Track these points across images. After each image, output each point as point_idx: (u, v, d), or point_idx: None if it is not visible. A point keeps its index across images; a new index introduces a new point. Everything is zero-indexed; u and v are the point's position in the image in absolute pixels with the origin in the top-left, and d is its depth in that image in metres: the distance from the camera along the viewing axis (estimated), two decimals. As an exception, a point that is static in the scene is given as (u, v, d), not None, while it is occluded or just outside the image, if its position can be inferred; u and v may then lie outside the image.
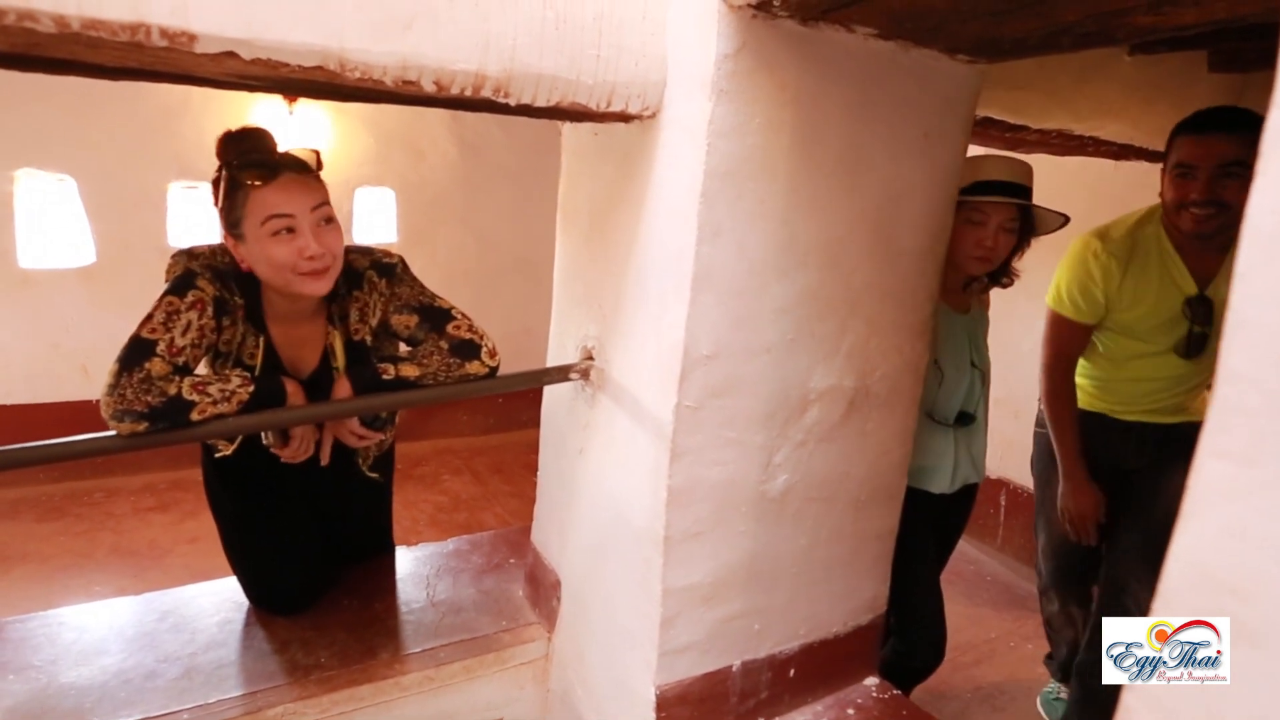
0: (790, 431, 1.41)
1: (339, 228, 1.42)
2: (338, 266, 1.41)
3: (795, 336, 1.37)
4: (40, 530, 3.18)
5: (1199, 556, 0.61)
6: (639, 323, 1.38)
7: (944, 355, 1.85)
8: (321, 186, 1.41)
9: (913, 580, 1.89)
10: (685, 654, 1.39)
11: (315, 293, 1.38)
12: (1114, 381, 2.04)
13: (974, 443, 1.96)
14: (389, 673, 1.57)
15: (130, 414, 1.17)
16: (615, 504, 1.47)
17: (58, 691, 1.48)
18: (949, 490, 1.91)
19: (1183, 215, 1.76)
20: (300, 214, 1.34)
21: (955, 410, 1.89)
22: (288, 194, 1.34)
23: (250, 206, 1.33)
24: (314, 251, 1.34)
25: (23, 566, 2.95)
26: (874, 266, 1.43)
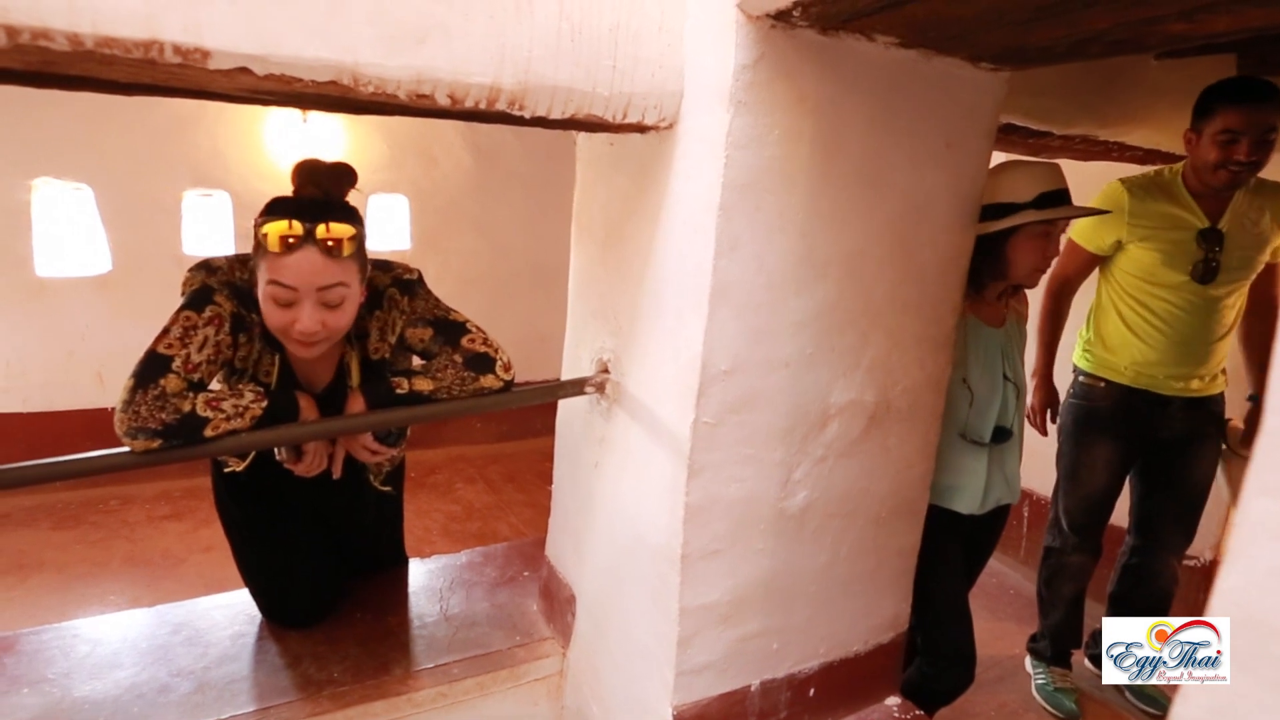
0: (810, 447, 1.39)
1: (350, 307, 1.34)
2: (336, 336, 1.35)
3: (815, 350, 1.34)
4: (57, 538, 3.19)
5: (1245, 598, 0.58)
6: (655, 337, 1.36)
7: (973, 372, 1.81)
8: (345, 267, 1.30)
9: (942, 603, 1.86)
10: (703, 674, 1.37)
11: (302, 355, 1.33)
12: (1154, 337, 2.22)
13: (1008, 461, 1.91)
14: (402, 689, 1.55)
15: (144, 431, 1.16)
16: (631, 520, 1.45)
17: (71, 706, 1.47)
18: (979, 511, 1.84)
19: (1219, 173, 2.02)
20: (305, 291, 1.27)
21: (990, 427, 1.83)
22: (299, 269, 1.26)
23: (264, 259, 1.28)
24: (305, 329, 1.28)
25: (40, 575, 2.96)
26: (895, 278, 1.40)
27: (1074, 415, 2.40)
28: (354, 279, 1.33)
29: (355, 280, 1.34)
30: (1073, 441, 2.41)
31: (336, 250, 1.27)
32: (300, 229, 1.25)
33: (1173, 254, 2.14)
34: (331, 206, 1.32)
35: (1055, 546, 2.53)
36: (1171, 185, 2.15)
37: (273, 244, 1.24)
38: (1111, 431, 2.34)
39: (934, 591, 1.81)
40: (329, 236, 1.26)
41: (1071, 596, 2.53)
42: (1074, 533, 2.47)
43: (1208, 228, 2.11)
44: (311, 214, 1.27)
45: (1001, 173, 1.73)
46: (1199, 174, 2.08)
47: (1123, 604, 2.49)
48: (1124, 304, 2.26)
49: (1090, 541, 2.47)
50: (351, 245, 1.30)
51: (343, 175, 1.38)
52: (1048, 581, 2.57)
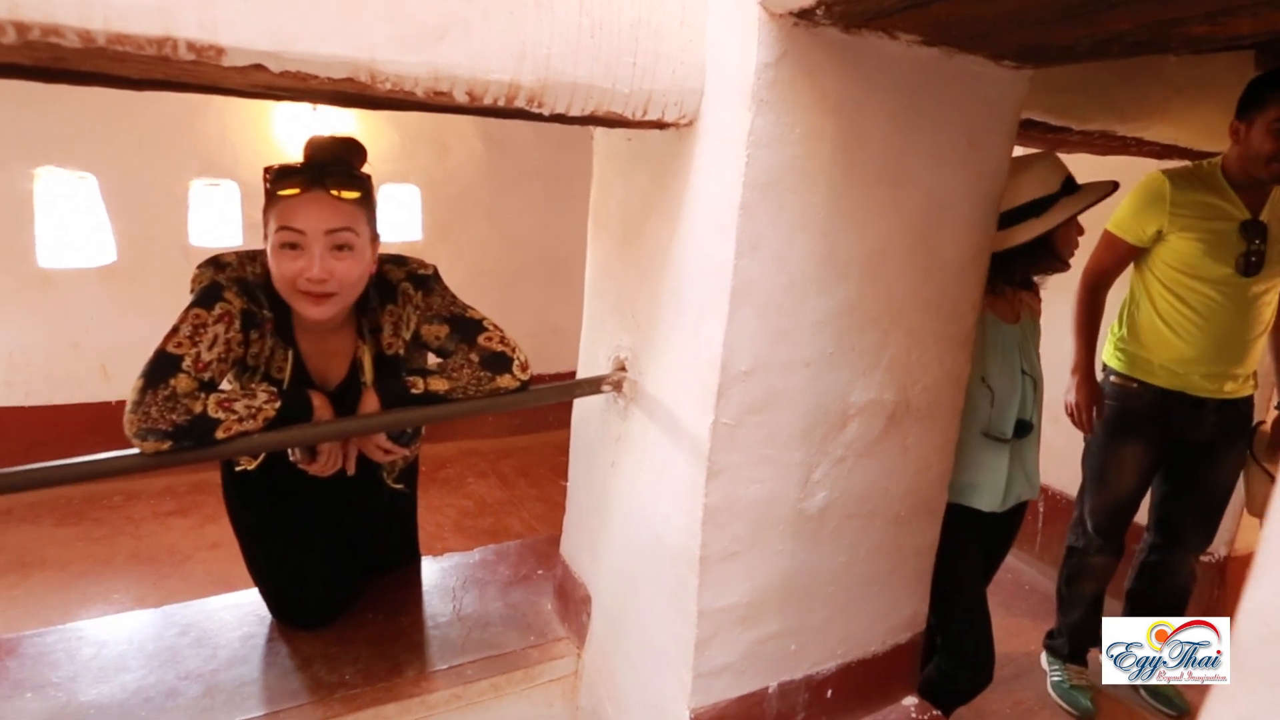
0: (829, 447, 1.37)
1: (359, 256, 1.34)
2: (346, 295, 1.35)
3: (835, 350, 1.32)
4: (60, 535, 3.17)
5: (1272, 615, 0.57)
6: (674, 336, 1.34)
7: (991, 370, 1.79)
8: (352, 212, 1.32)
9: (961, 602, 1.84)
10: (721, 676, 1.36)
11: (313, 317, 1.33)
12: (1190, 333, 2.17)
13: (1028, 455, 1.89)
14: (415, 691, 1.54)
15: (155, 433, 1.14)
16: (649, 521, 1.43)
17: (77, 710, 1.45)
18: (1000, 509, 1.83)
19: (1274, 165, 1.99)
20: (312, 233, 1.28)
21: (1011, 423, 1.82)
22: (305, 210, 1.28)
23: (273, 211, 1.30)
24: (314, 275, 1.28)
25: (42, 573, 2.93)
26: (916, 277, 1.39)
27: (1105, 416, 2.35)
28: (362, 229, 1.34)
29: (363, 231, 1.35)
30: (1102, 442, 2.37)
31: (342, 188, 1.31)
32: (308, 176, 1.29)
33: (1215, 245, 2.09)
34: (341, 164, 1.35)
35: (1078, 547, 2.50)
36: (1211, 176, 2.10)
37: (282, 189, 1.28)
38: (1143, 434, 2.30)
39: (953, 590, 1.80)
40: (336, 179, 1.31)
41: (1092, 596, 2.51)
42: (1098, 534, 2.44)
43: (1250, 219, 2.07)
44: (321, 168, 1.31)
45: (1024, 170, 1.72)
46: (1245, 165, 2.04)
47: (1140, 601, 2.47)
48: (1160, 298, 2.20)
49: (1114, 543, 2.44)
50: (359, 194, 1.33)
51: (352, 147, 1.39)
52: (1069, 581, 2.54)
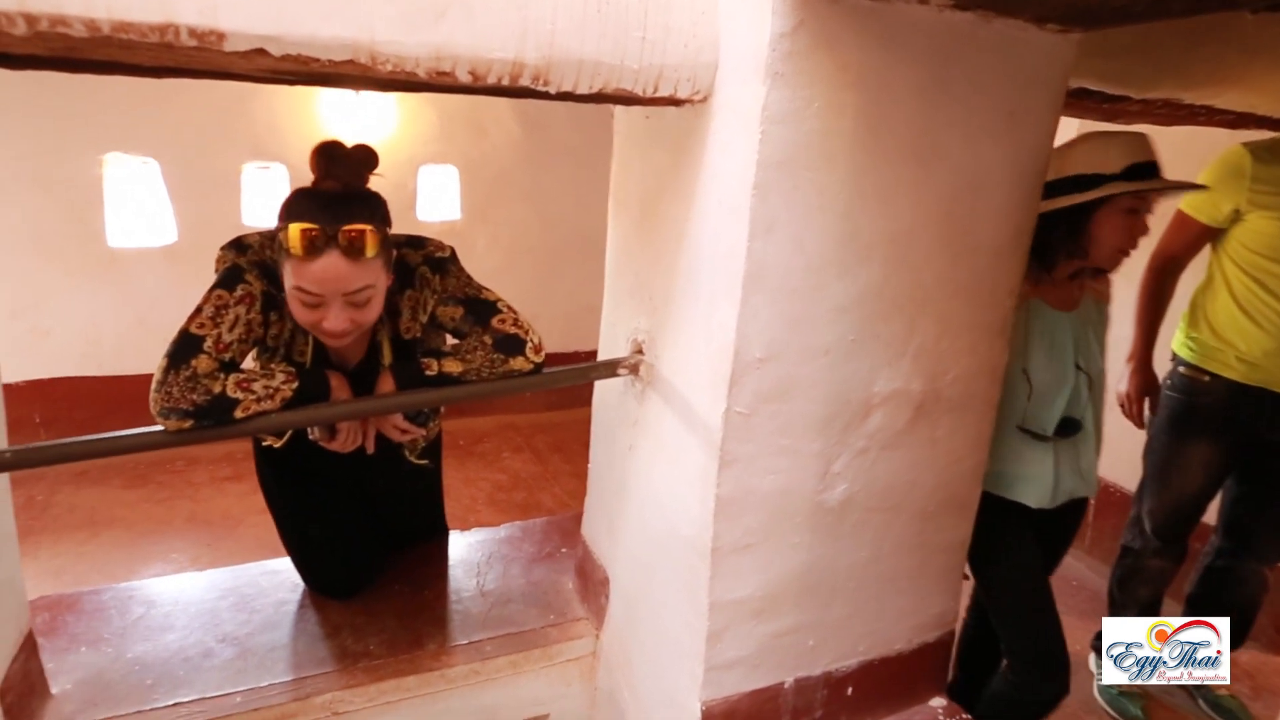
0: (850, 438, 1.33)
1: (378, 302, 1.32)
2: (366, 328, 1.35)
3: (857, 337, 1.27)
4: (126, 496, 3.36)
5: None
6: (688, 321, 1.31)
7: (1035, 360, 1.65)
8: (368, 268, 1.26)
9: (1025, 600, 1.70)
10: (733, 669, 1.34)
11: (332, 344, 1.34)
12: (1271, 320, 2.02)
13: (1081, 455, 1.73)
14: (435, 664, 1.57)
15: (176, 412, 1.17)
16: (663, 509, 1.42)
17: (123, 666, 1.53)
18: (1049, 505, 1.69)
19: None
20: (330, 296, 1.26)
21: (1054, 420, 1.66)
22: (323, 277, 1.23)
23: (286, 261, 1.26)
24: (333, 329, 1.27)
25: (110, 531, 3.12)
26: (947, 261, 1.31)
27: (1171, 410, 2.19)
28: (380, 277, 1.31)
29: (381, 277, 1.31)
30: (1166, 438, 2.20)
31: (360, 252, 1.24)
32: (322, 235, 1.22)
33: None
34: (351, 201, 1.28)
35: (1134, 547, 2.35)
36: None
37: (295, 247, 1.21)
38: (1212, 431, 2.13)
39: (1006, 589, 1.69)
40: (351, 238, 1.23)
41: (1147, 600, 2.35)
42: (1157, 536, 2.28)
43: None
44: (333, 213, 1.24)
45: (1083, 143, 1.59)
46: None
47: (1202, 608, 2.28)
48: (1238, 283, 2.04)
49: (1175, 546, 2.28)
50: (375, 243, 1.26)
51: (363, 162, 1.33)
52: (1120, 582, 2.39)
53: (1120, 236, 1.56)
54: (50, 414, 3.69)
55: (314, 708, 1.47)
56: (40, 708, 1.41)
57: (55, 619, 1.66)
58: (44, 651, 1.50)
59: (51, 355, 3.73)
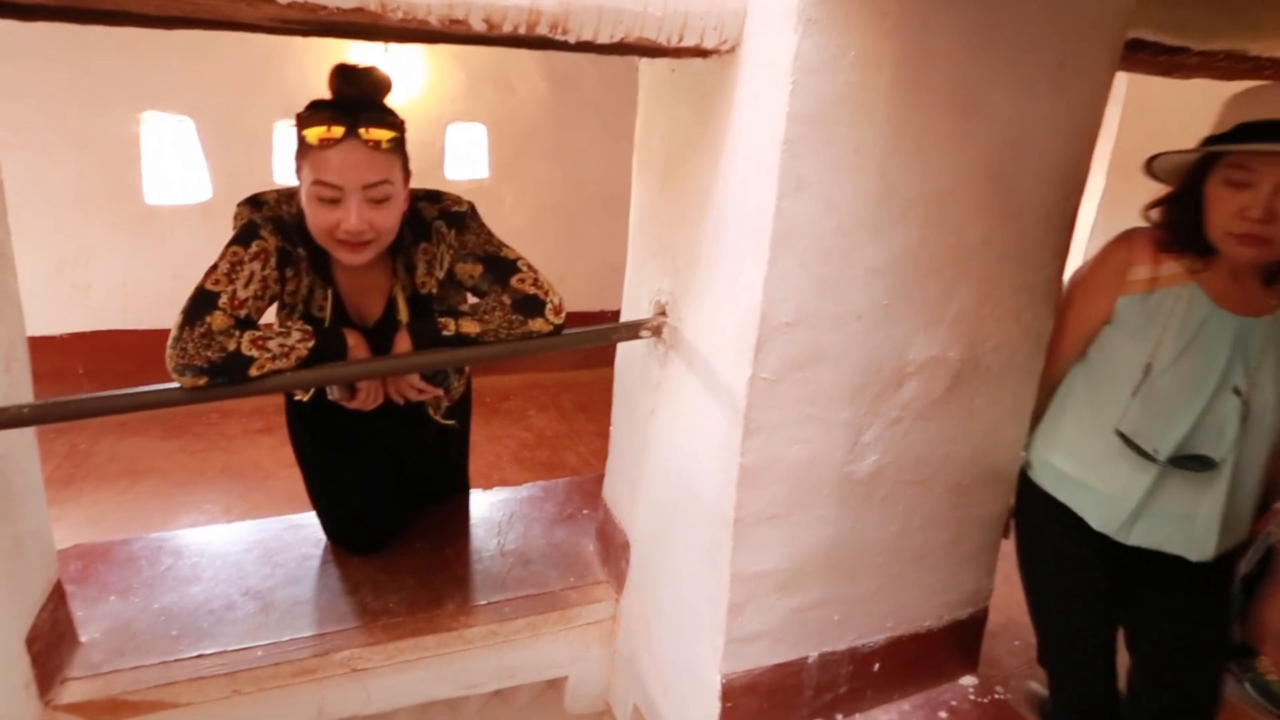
0: (882, 408, 1.27)
1: (395, 205, 1.32)
2: (384, 240, 1.33)
3: (891, 302, 1.21)
4: (164, 447, 3.43)
5: None
6: (713, 283, 1.26)
7: (1163, 356, 1.29)
8: (388, 161, 1.28)
9: (1059, 628, 1.48)
10: (755, 642, 1.31)
11: (350, 263, 1.31)
12: None
13: (1202, 505, 1.31)
14: (454, 624, 1.57)
15: (191, 368, 1.16)
16: (684, 476, 1.38)
17: (150, 616, 1.56)
18: (1115, 535, 1.36)
19: None
20: (350, 188, 1.25)
21: (1172, 442, 1.29)
22: (343, 165, 1.24)
23: (307, 160, 1.27)
24: (351, 228, 1.25)
25: (148, 480, 3.20)
26: (989, 222, 1.24)
27: None
28: (397, 176, 1.31)
29: (399, 178, 1.32)
30: None
31: (378, 142, 1.25)
32: (341, 125, 1.23)
33: None
34: (370, 104, 1.30)
35: None
36: None
37: (313, 137, 1.24)
38: None
39: (1048, 610, 1.49)
40: (369, 127, 1.25)
41: None
42: None
43: None
44: (352, 111, 1.25)
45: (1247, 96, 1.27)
46: None
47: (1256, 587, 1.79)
48: None
49: None
50: (392, 134, 1.28)
51: (378, 79, 1.34)
52: None
53: (1222, 214, 1.22)
54: (93, 365, 3.77)
55: (333, 664, 1.48)
56: (69, 656, 1.44)
57: (87, 567, 1.69)
58: (75, 600, 1.53)
59: (93, 309, 3.80)
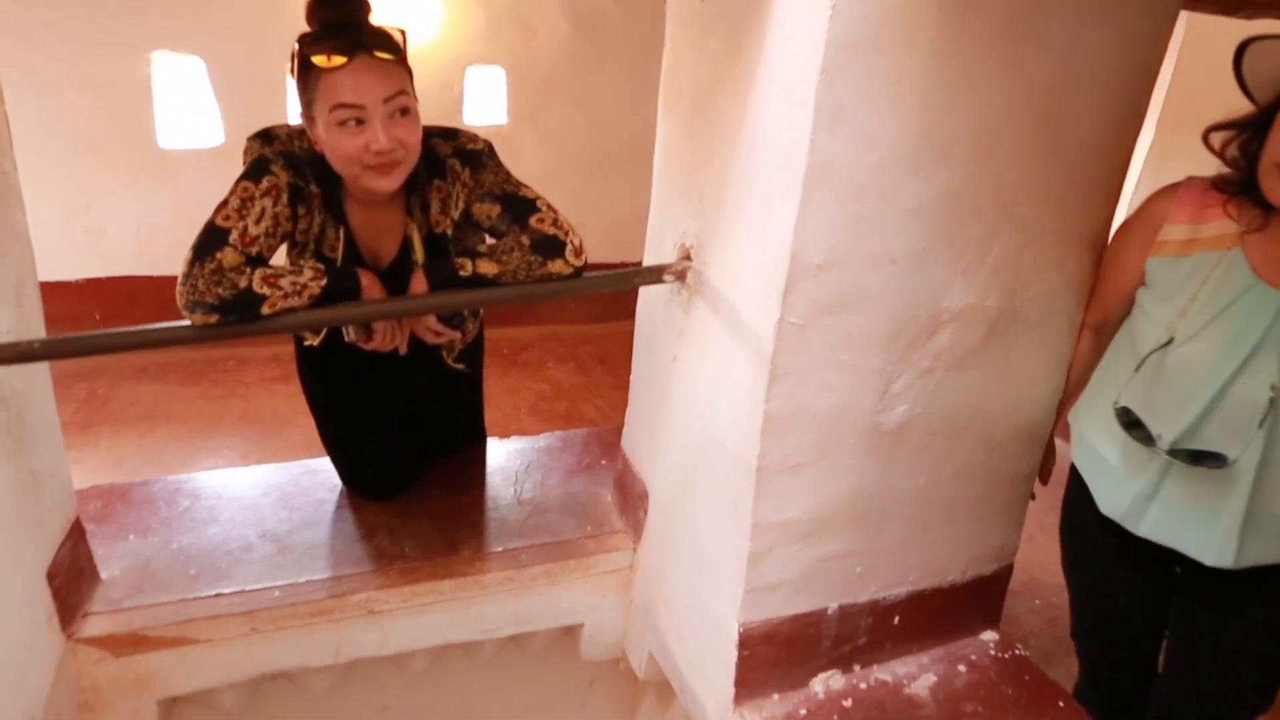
0: (914, 356, 1.22)
1: (416, 119, 1.30)
2: (412, 160, 1.30)
3: (929, 245, 1.15)
4: (182, 393, 3.45)
5: None
6: (742, 224, 1.20)
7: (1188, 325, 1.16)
8: (400, 73, 1.27)
9: (1097, 625, 1.46)
10: (775, 592, 1.29)
11: (383, 189, 1.28)
12: None
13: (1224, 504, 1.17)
14: (470, 570, 1.56)
15: (201, 305, 1.13)
16: (707, 424, 1.34)
17: (169, 555, 1.56)
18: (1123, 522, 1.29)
19: None
20: (371, 105, 1.22)
21: (1178, 430, 1.16)
22: (359, 81, 1.21)
23: (321, 89, 1.23)
24: (381, 146, 1.22)
25: (167, 425, 3.22)
26: (1037, 162, 1.17)
27: None
28: (410, 89, 1.29)
29: (412, 90, 1.30)
30: None
31: (386, 50, 1.24)
32: (348, 43, 1.21)
33: None
34: (363, 23, 1.28)
35: None
36: None
37: (323, 60, 1.20)
38: None
39: (1077, 597, 1.48)
40: (375, 37, 1.24)
41: None
42: None
43: None
44: (351, 31, 1.24)
45: None
46: None
47: None
48: None
49: None
50: (398, 42, 1.27)
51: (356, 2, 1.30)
52: None
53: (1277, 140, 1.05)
54: (109, 311, 3.77)
55: (350, 605, 1.48)
56: (90, 592, 1.45)
57: (106, 507, 1.69)
58: (94, 538, 1.53)
59: (107, 254, 3.79)
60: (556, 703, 1.85)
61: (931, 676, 1.41)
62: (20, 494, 1.23)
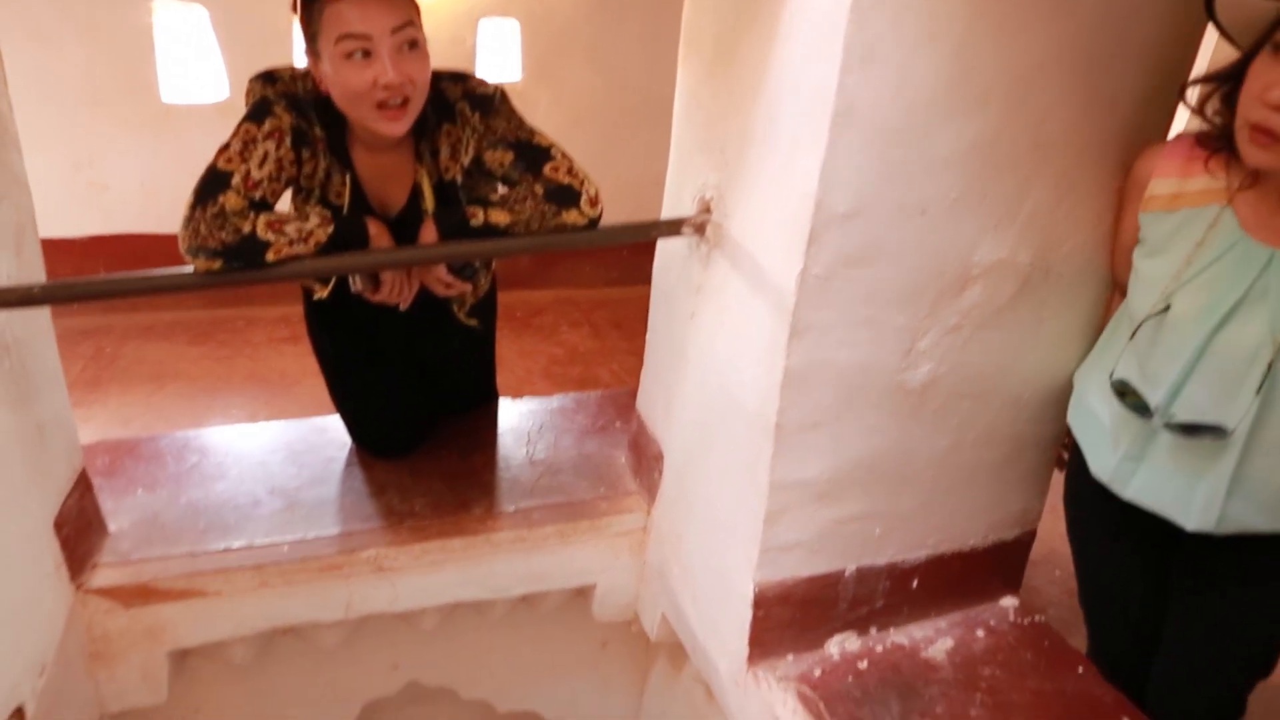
0: (942, 313, 1.18)
1: (425, 54, 1.25)
2: (420, 100, 1.24)
3: (960, 195, 1.10)
4: (190, 352, 3.44)
5: None
6: (764, 173, 1.15)
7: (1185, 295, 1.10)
8: (408, 3, 1.22)
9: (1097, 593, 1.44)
10: (791, 552, 1.26)
11: (392, 134, 1.23)
12: None
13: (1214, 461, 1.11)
14: (481, 528, 1.54)
15: (205, 250, 1.10)
16: (725, 381, 1.31)
17: (177, 509, 1.55)
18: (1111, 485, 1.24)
19: None
20: (379, 35, 1.17)
21: (1163, 394, 1.12)
22: (365, 10, 1.16)
23: (325, 20, 1.17)
24: (390, 80, 1.17)
25: (175, 384, 3.21)
26: (1077, 109, 1.11)
27: None
28: (419, 21, 1.24)
29: (420, 23, 1.24)
30: None
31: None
32: None
33: None
34: None
35: None
36: None
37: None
38: None
39: (1080, 565, 1.46)
40: None
41: None
42: None
43: None
44: None
45: None
46: None
47: None
48: None
49: None
50: None
51: None
52: None
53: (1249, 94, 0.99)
54: (114, 268, 3.73)
55: (360, 561, 1.47)
56: (98, 543, 1.44)
57: (114, 462, 1.68)
58: (102, 492, 1.52)
59: (111, 210, 3.74)
60: (568, 664, 1.85)
61: (949, 640, 1.38)
62: (25, 444, 1.21)
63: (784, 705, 1.24)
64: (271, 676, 1.64)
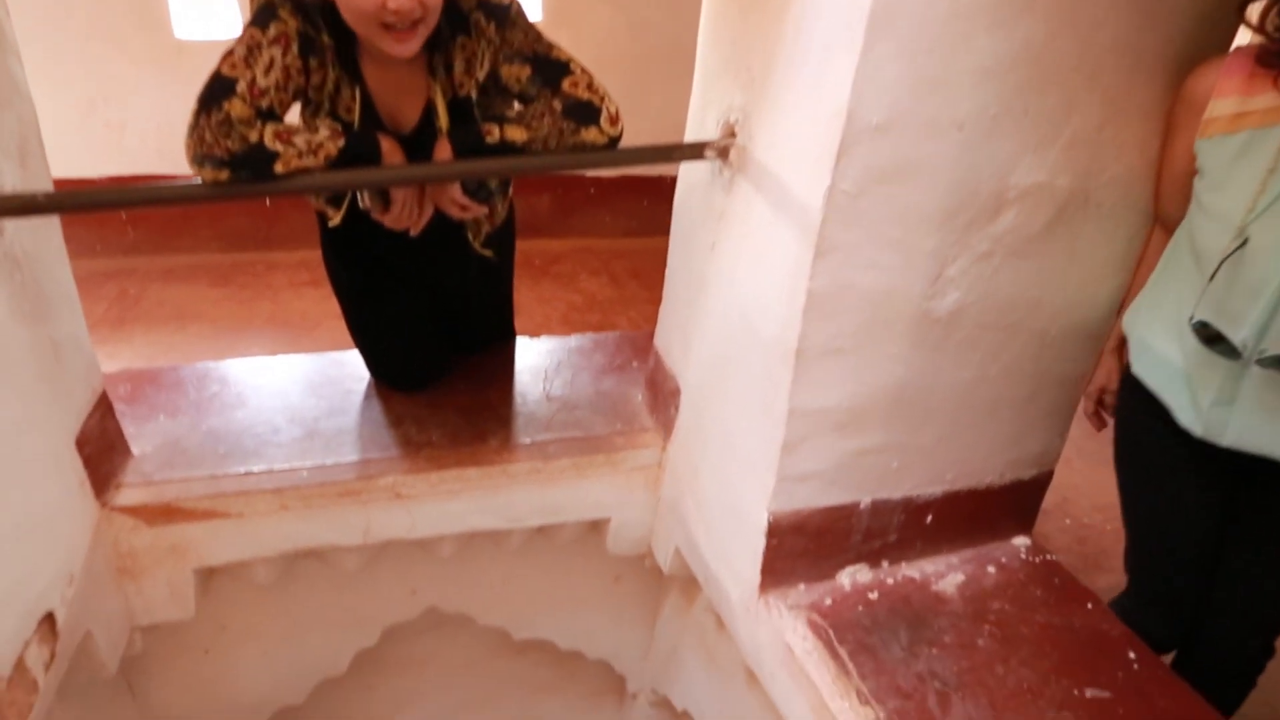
0: (973, 239, 1.13)
1: None
2: (431, 21, 1.19)
3: (1000, 112, 1.04)
4: (211, 294, 3.45)
5: None
6: (793, 89, 1.10)
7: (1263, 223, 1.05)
8: None
9: (1165, 550, 1.36)
10: (807, 482, 1.24)
11: (401, 55, 1.18)
12: None
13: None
14: (497, 459, 1.54)
15: (211, 159, 1.08)
16: (745, 310, 1.27)
17: (199, 435, 1.56)
18: (1207, 437, 1.18)
19: None
20: None
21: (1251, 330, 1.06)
22: None
23: None
24: (399, 5, 1.12)
25: (197, 325, 3.23)
26: (1130, 23, 1.05)
27: None
28: None
29: None
30: None
31: None
32: None
33: None
34: None
35: None
36: None
37: None
38: None
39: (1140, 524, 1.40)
40: None
41: None
42: None
43: None
44: None
45: None
46: None
47: None
48: None
49: None
50: None
51: None
52: None
53: None
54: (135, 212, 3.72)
55: (377, 488, 1.47)
56: (121, 464, 1.45)
57: (136, 390, 1.69)
58: (125, 418, 1.53)
59: (128, 151, 3.70)
60: (582, 596, 1.86)
61: (960, 575, 1.37)
62: (41, 359, 1.21)
63: (794, 632, 1.23)
64: (295, 598, 1.67)
